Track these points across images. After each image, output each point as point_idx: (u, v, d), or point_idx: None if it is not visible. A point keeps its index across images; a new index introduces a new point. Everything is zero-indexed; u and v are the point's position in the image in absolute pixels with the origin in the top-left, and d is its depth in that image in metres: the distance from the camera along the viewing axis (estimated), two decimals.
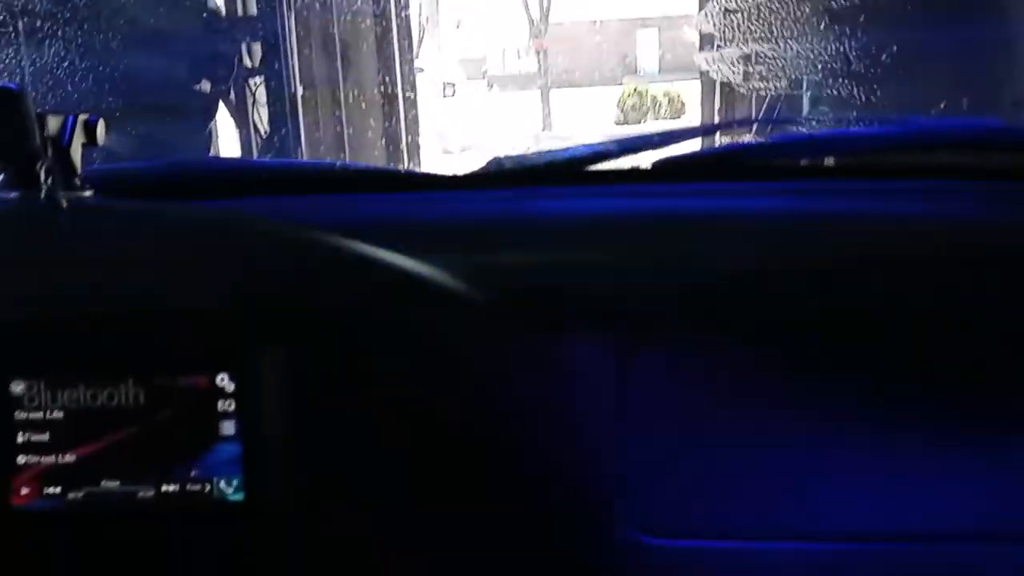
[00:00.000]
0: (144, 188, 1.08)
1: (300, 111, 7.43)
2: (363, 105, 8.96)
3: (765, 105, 7.78)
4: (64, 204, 0.89)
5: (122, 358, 0.81)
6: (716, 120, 8.45)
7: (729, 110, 8.60)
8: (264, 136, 5.45)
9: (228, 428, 0.79)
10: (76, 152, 0.91)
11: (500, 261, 0.95)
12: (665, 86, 24.79)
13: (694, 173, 1.13)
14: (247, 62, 5.56)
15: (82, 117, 0.94)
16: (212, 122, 4.76)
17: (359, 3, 8.51)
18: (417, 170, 1.15)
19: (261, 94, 5.54)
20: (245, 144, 5.47)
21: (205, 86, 4.57)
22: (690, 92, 21.87)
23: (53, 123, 0.91)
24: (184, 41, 4.34)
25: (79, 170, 0.93)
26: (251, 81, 5.43)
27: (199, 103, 4.47)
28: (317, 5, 8.27)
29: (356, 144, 8.76)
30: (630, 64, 32.58)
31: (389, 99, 9.22)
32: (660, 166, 1.13)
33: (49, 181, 0.89)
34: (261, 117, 5.40)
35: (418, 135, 10.57)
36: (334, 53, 8.52)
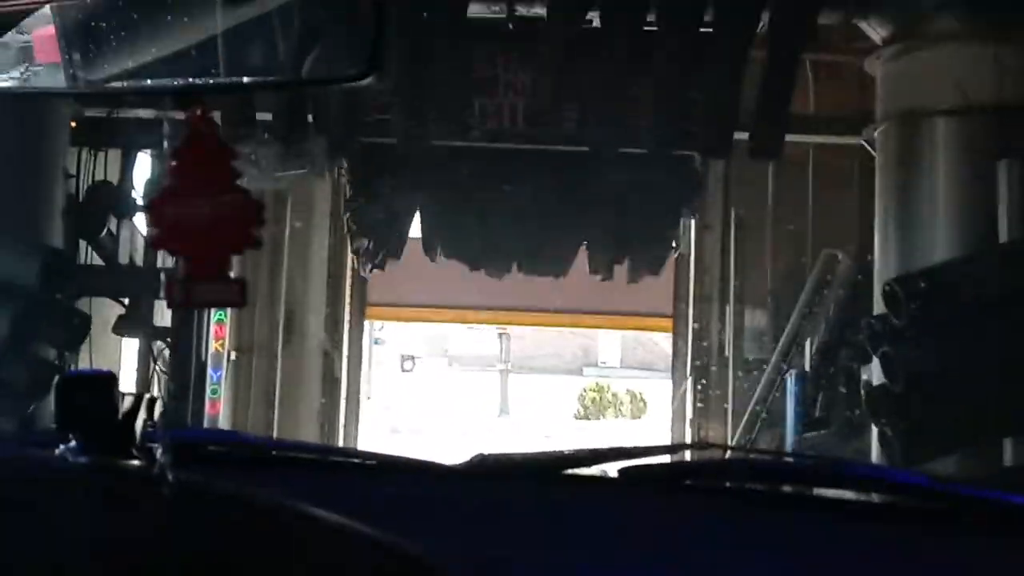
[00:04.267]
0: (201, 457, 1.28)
1: (230, 378, 6.64)
2: (302, 377, 8.18)
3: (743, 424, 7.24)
4: (170, 479, 0.99)
5: None
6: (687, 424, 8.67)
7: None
8: (168, 402, 4.59)
9: None
10: (138, 426, 1.07)
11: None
12: (627, 383, 24.43)
13: (657, 484, 1.36)
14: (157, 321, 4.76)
15: (146, 396, 1.12)
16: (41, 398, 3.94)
17: (312, 267, 7.92)
18: (415, 459, 1.38)
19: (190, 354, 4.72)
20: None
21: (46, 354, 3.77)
22: (652, 390, 21.52)
23: (127, 401, 1.08)
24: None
25: (137, 441, 1.06)
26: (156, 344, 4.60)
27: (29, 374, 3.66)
28: (265, 263, 7.66)
29: (286, 420, 7.89)
30: (591, 356, 32.63)
31: (331, 373, 8.50)
32: (626, 473, 1.36)
33: (163, 458, 1.00)
34: (160, 383, 4.55)
35: (357, 414, 9.79)
36: (276, 317, 7.84)
